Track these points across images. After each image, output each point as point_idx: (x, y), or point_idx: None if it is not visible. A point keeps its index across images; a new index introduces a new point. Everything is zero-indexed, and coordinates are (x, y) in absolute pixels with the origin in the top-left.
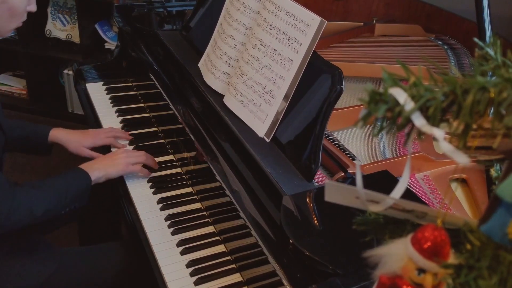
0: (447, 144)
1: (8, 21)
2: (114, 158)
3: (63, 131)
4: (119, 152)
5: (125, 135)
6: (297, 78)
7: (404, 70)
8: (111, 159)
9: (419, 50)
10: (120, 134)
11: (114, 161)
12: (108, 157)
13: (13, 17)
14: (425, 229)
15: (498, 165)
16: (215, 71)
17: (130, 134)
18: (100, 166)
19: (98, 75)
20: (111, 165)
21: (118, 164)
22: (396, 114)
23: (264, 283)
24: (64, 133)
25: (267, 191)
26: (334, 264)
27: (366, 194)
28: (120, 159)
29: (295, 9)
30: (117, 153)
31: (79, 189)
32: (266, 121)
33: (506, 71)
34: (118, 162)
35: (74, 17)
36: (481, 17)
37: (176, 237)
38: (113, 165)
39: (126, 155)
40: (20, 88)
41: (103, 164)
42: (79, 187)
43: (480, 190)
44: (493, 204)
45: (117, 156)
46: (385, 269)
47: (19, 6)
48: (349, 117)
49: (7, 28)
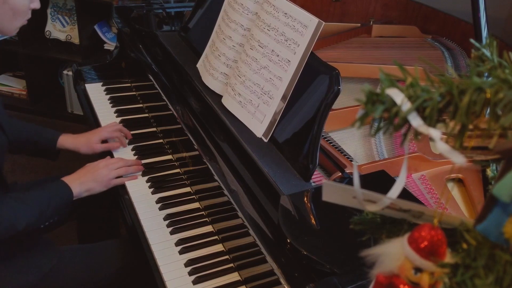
0: (443, 144)
1: (12, 20)
2: (96, 174)
3: (70, 137)
4: (100, 166)
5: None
6: (294, 79)
7: (401, 71)
8: (93, 175)
9: (416, 51)
10: (123, 128)
11: (97, 178)
12: (89, 171)
13: (16, 16)
14: (421, 228)
15: (494, 165)
16: (214, 71)
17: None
18: (83, 181)
19: (97, 76)
20: (95, 181)
21: (101, 181)
22: (393, 114)
23: (262, 282)
24: (71, 139)
25: (265, 191)
26: (331, 263)
27: (363, 193)
28: (103, 177)
29: (293, 10)
30: (98, 168)
31: (61, 203)
32: (264, 122)
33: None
34: (101, 179)
35: (74, 18)
36: (477, 18)
37: (174, 236)
38: (95, 181)
39: (107, 170)
40: (20, 88)
41: (86, 179)
42: (61, 202)
43: (476, 190)
44: (489, 203)
45: (99, 172)
46: (382, 268)
47: (22, 5)
48: (346, 118)
49: (11, 27)
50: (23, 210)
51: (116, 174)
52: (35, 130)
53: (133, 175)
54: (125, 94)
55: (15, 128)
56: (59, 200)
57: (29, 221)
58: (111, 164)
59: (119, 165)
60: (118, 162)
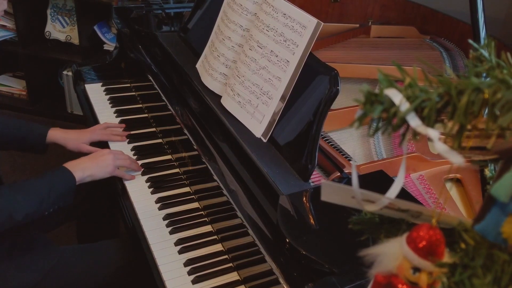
0: (442, 145)
1: None
2: (101, 160)
3: (60, 131)
4: (105, 153)
5: (120, 129)
6: (293, 79)
7: (400, 71)
8: (97, 160)
9: (414, 51)
10: (115, 128)
11: (101, 162)
12: (94, 157)
13: None
14: (420, 228)
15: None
16: (213, 72)
17: (128, 134)
18: (86, 166)
19: (97, 76)
20: (98, 166)
21: (106, 166)
22: (392, 114)
23: (261, 282)
24: (61, 133)
25: (264, 190)
26: (330, 263)
27: (362, 193)
28: (108, 161)
29: (292, 11)
30: (103, 154)
31: (63, 189)
32: (263, 122)
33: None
34: (106, 163)
35: (74, 19)
36: (475, 19)
37: (174, 236)
38: (100, 166)
39: (113, 156)
40: (20, 89)
41: (89, 164)
42: (62, 188)
43: (474, 189)
44: (487, 203)
45: (104, 158)
46: (381, 268)
47: None
48: (345, 118)
49: None
50: (21, 200)
51: (120, 163)
52: (22, 125)
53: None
54: (124, 94)
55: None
56: (61, 186)
57: (29, 210)
58: (116, 154)
59: (124, 157)
60: (123, 154)
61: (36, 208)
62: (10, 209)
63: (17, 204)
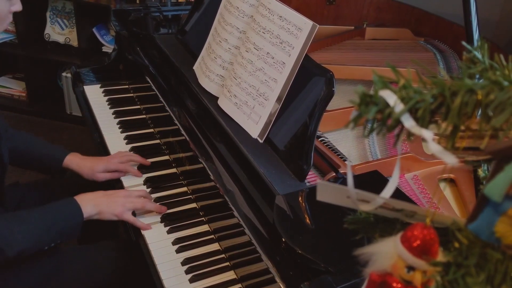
0: (435, 145)
1: None
2: (111, 200)
3: (77, 158)
4: (120, 194)
5: (142, 160)
6: (289, 81)
7: (394, 73)
8: (108, 198)
9: (408, 53)
10: (135, 158)
11: (111, 204)
12: (107, 195)
13: None
14: (414, 227)
15: (485, 165)
16: (210, 73)
17: (126, 135)
18: (98, 202)
19: (95, 78)
20: (108, 206)
21: (114, 209)
22: (386, 115)
23: (258, 281)
24: (77, 160)
25: (260, 190)
26: (326, 262)
27: (357, 193)
28: (117, 205)
29: (288, 13)
30: (117, 195)
31: (67, 225)
32: (259, 123)
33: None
34: (114, 207)
35: (72, 21)
36: (468, 21)
37: (171, 236)
38: (108, 206)
39: (124, 200)
40: (19, 90)
41: (100, 201)
42: (66, 223)
43: (468, 189)
44: (481, 203)
45: (115, 200)
46: (376, 266)
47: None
48: (340, 119)
49: None
50: (17, 232)
51: (131, 206)
52: (44, 147)
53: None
54: (123, 95)
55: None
56: (66, 221)
57: (25, 245)
58: (130, 197)
59: (138, 200)
60: (140, 192)
61: (33, 243)
62: (2, 242)
63: (12, 236)
